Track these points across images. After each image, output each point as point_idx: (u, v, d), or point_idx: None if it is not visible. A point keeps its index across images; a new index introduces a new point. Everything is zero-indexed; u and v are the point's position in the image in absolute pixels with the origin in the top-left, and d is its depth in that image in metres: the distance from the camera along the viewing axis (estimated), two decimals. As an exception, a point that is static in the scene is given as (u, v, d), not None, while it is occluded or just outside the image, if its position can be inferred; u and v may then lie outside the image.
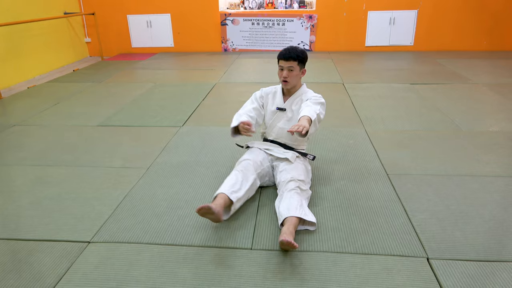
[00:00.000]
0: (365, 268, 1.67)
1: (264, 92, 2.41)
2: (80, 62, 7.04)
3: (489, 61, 6.04)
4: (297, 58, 2.19)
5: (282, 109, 2.31)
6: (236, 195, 1.98)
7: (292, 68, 2.21)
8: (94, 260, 1.76)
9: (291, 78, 2.23)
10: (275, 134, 2.36)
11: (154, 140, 3.14)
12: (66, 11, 6.76)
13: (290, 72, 2.22)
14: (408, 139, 3.05)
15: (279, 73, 2.27)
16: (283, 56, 2.22)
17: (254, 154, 2.27)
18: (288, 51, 2.21)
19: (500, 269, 1.64)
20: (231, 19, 7.20)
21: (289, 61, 2.20)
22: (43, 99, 4.46)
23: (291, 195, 1.98)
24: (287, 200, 1.96)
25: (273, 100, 2.37)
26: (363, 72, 5.46)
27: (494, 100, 4.04)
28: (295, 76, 2.24)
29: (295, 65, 2.21)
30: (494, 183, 2.35)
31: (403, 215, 2.05)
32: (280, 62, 2.24)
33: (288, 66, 2.20)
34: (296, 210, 1.88)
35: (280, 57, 2.23)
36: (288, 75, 2.22)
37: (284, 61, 2.21)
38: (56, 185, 2.45)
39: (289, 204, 1.92)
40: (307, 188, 2.13)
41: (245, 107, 2.41)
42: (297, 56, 2.19)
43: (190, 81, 5.21)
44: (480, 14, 6.73)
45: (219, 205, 1.85)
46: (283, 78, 2.24)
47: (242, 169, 2.13)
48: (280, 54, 2.24)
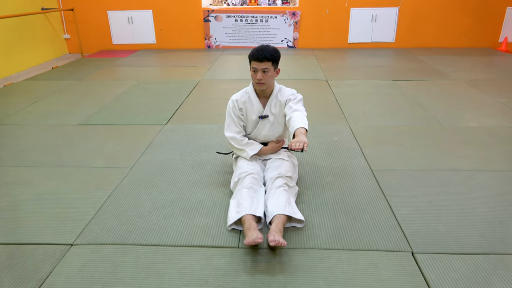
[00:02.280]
0: (352, 263, 1.69)
1: (238, 103, 2.24)
2: (59, 59, 6.86)
3: (468, 58, 6.19)
4: (271, 58, 2.06)
5: (265, 117, 2.23)
6: (259, 210, 1.90)
7: (266, 70, 2.08)
8: (78, 263, 1.72)
9: (266, 80, 2.11)
10: (261, 139, 2.32)
11: (138, 138, 3.09)
12: (44, 7, 6.56)
13: (265, 73, 2.09)
14: (391, 135, 3.09)
15: (252, 75, 2.13)
16: (256, 57, 2.06)
17: (252, 167, 2.16)
18: (261, 52, 2.05)
19: (482, 261, 1.69)
20: (214, 15, 7.14)
21: (263, 62, 2.05)
22: (21, 98, 4.33)
23: (279, 192, 1.98)
24: (275, 197, 1.95)
25: (252, 108, 2.24)
26: (346, 69, 5.51)
27: (473, 96, 4.14)
28: (270, 77, 2.12)
29: (269, 65, 2.08)
30: (475, 177, 2.41)
31: (387, 210, 2.07)
32: (253, 63, 2.09)
33: (262, 67, 2.07)
34: (285, 208, 1.88)
35: (253, 58, 2.08)
36: (263, 76, 2.09)
37: (258, 62, 2.06)
38: (36, 186, 2.38)
39: (278, 202, 1.91)
40: (294, 185, 2.13)
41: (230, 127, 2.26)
42: (271, 56, 2.06)
43: (173, 78, 5.14)
44: (460, 12, 6.88)
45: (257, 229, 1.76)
46: (257, 80, 2.10)
47: (250, 186, 2.02)
48: (252, 55, 2.08)
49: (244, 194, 1.97)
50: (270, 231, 1.76)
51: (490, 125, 3.28)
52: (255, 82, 2.15)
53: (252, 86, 2.25)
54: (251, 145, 2.25)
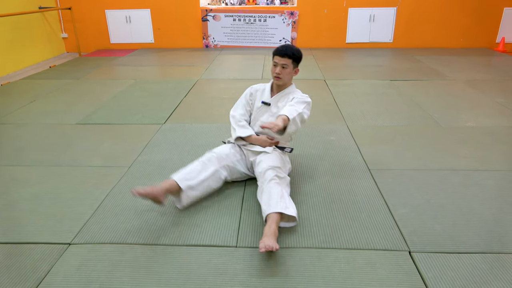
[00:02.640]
0: (349, 262, 1.69)
1: (253, 89, 2.40)
2: (56, 59, 6.84)
3: (465, 58, 6.21)
4: (292, 56, 2.21)
5: (267, 104, 2.31)
6: (187, 183, 2.02)
7: (285, 66, 2.22)
8: (75, 262, 1.72)
9: (284, 75, 2.25)
10: (257, 128, 2.35)
11: (136, 138, 3.09)
12: (41, 6, 6.54)
13: (283, 69, 2.23)
14: (389, 135, 3.10)
15: (272, 68, 2.28)
16: (278, 52, 2.23)
17: (221, 148, 2.29)
18: (284, 48, 2.22)
19: (479, 260, 1.70)
20: (212, 15, 7.14)
21: (284, 58, 2.21)
22: (18, 97, 4.31)
23: (271, 186, 1.98)
24: (267, 192, 1.96)
25: (261, 96, 2.37)
26: (344, 69, 5.52)
27: (471, 96, 4.15)
28: (288, 73, 2.26)
29: (289, 63, 2.23)
30: (472, 176, 2.42)
31: (385, 209, 2.08)
32: (275, 58, 2.25)
33: (282, 63, 2.22)
34: (277, 204, 1.87)
35: (276, 53, 2.24)
36: (281, 71, 2.23)
37: (279, 57, 2.22)
38: (33, 185, 2.37)
39: (270, 198, 1.91)
40: (285, 175, 2.12)
41: (237, 108, 2.40)
42: (293, 54, 2.21)
43: (171, 77, 5.14)
44: (457, 12, 6.90)
45: (160, 187, 1.91)
46: (275, 74, 2.24)
47: (203, 160, 2.17)
48: (276, 50, 2.25)
49: (192, 165, 2.13)
50: (263, 234, 1.75)
51: (488, 125, 3.29)
52: (273, 76, 2.28)
53: (271, 82, 2.37)
54: (244, 128, 2.32)
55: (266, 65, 5.82)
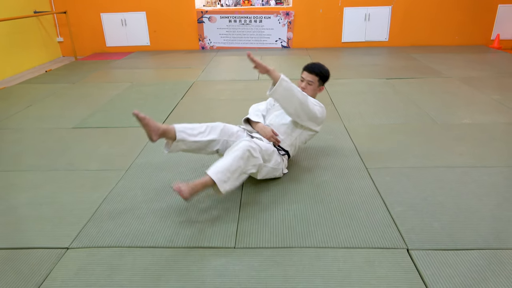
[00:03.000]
0: (348, 261, 1.70)
1: None
2: (52, 63, 6.83)
3: (461, 55, 6.23)
4: (319, 73, 2.38)
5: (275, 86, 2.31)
6: (183, 136, 2.09)
7: (311, 82, 2.39)
8: (74, 266, 1.71)
9: (308, 91, 2.38)
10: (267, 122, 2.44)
11: (133, 140, 3.09)
12: (36, 10, 6.53)
13: (309, 85, 2.39)
14: (386, 133, 3.11)
15: (298, 83, 2.43)
16: (307, 68, 2.40)
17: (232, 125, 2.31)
18: (313, 65, 2.40)
19: (476, 257, 1.70)
20: (207, 16, 7.14)
21: (311, 74, 2.37)
22: (14, 102, 4.30)
23: (232, 156, 1.96)
24: (224, 158, 1.98)
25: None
26: (340, 68, 5.53)
27: (466, 93, 4.17)
28: (312, 90, 2.41)
29: (315, 80, 2.38)
30: (469, 173, 2.43)
31: (382, 208, 2.09)
32: (303, 73, 2.42)
33: (309, 79, 2.38)
34: (218, 173, 1.90)
35: (304, 69, 2.42)
36: (306, 86, 2.39)
37: (307, 73, 2.39)
38: (30, 190, 2.37)
39: (221, 164, 1.94)
40: (258, 156, 2.05)
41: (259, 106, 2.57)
42: (320, 72, 2.38)
43: (167, 80, 5.13)
44: (452, 9, 6.93)
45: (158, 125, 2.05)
46: (301, 88, 2.37)
47: (209, 125, 2.21)
48: (306, 65, 2.43)
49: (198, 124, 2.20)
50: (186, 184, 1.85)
51: (484, 122, 3.31)
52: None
53: None
54: (257, 116, 2.43)
55: (262, 65, 5.82)
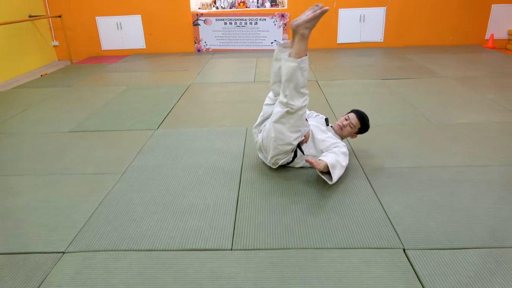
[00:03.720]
0: (344, 262, 1.70)
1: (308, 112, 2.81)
2: (48, 67, 6.81)
3: (456, 55, 6.27)
4: (363, 124, 2.57)
5: (327, 123, 2.63)
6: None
7: (353, 126, 2.55)
8: (70, 270, 1.70)
9: (345, 131, 2.56)
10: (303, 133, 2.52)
11: (129, 144, 3.08)
12: (31, 14, 6.51)
13: (350, 127, 2.55)
14: (381, 133, 3.12)
15: (342, 120, 2.59)
16: (358, 114, 2.56)
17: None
18: (364, 115, 2.59)
19: (472, 255, 1.71)
20: (203, 19, 7.15)
21: (358, 121, 2.55)
22: (10, 106, 4.29)
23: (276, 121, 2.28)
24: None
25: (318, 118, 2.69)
26: (336, 69, 5.55)
27: (461, 93, 4.19)
28: (349, 132, 2.57)
29: (357, 127, 2.56)
30: (464, 172, 2.44)
31: (379, 208, 2.09)
32: (351, 115, 2.57)
33: (353, 123, 2.54)
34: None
35: (355, 113, 2.57)
36: (346, 126, 2.55)
37: (356, 118, 2.55)
38: (26, 194, 2.36)
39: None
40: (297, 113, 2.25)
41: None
42: (364, 123, 2.57)
43: (163, 82, 5.13)
44: (446, 10, 6.97)
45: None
46: (342, 124, 2.55)
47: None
48: (357, 112, 2.59)
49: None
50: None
51: (479, 121, 3.32)
52: (339, 124, 2.58)
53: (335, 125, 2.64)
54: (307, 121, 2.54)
55: (258, 67, 5.83)
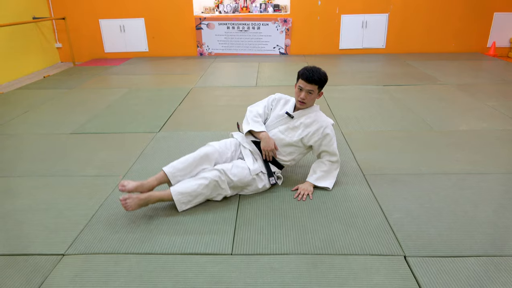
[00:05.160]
0: (345, 268, 1.69)
1: (278, 97, 2.42)
2: (51, 68, 6.83)
3: (457, 62, 6.28)
4: (319, 81, 2.19)
5: (291, 116, 2.30)
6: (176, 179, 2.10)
7: (311, 91, 2.21)
8: (69, 273, 1.70)
9: (308, 100, 2.24)
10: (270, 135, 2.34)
11: (130, 147, 3.08)
12: (35, 16, 6.55)
13: (309, 94, 2.22)
14: (382, 140, 3.12)
15: (296, 92, 2.26)
16: (305, 77, 2.18)
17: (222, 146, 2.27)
18: (311, 74, 2.17)
19: (473, 264, 1.70)
20: (206, 23, 7.18)
21: (310, 84, 2.18)
22: (12, 107, 4.30)
23: (200, 182, 2.07)
24: (192, 181, 2.07)
25: (283, 106, 2.37)
26: (337, 75, 5.56)
27: (462, 100, 4.19)
28: (313, 98, 2.26)
29: (315, 88, 2.21)
30: (465, 180, 2.44)
31: (380, 214, 2.09)
32: (301, 82, 2.21)
33: (308, 89, 2.20)
34: (180, 194, 2.01)
35: (302, 78, 2.20)
36: (306, 97, 2.22)
37: (306, 82, 2.19)
38: (26, 196, 2.36)
39: (186, 186, 2.04)
40: (225, 187, 2.13)
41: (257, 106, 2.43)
42: (319, 79, 2.19)
43: (165, 86, 5.14)
44: (449, 17, 6.99)
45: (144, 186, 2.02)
46: (300, 99, 2.23)
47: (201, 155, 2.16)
48: (303, 74, 2.20)
49: (189, 157, 2.14)
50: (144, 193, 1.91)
51: (480, 128, 3.32)
52: (297, 100, 2.26)
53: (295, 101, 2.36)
54: (258, 123, 2.32)
55: (260, 71, 5.85)
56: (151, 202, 2.02)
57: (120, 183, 1.90)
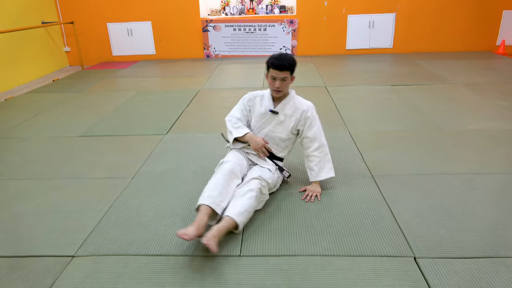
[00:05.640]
0: (354, 270, 1.68)
1: (252, 95, 2.37)
2: (59, 72, 6.91)
3: (466, 61, 6.21)
4: (290, 67, 2.15)
5: (275, 112, 2.28)
6: (220, 208, 1.94)
7: (285, 78, 2.16)
8: (79, 274, 1.71)
9: (283, 88, 2.20)
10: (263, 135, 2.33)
11: (138, 149, 3.10)
12: (44, 21, 6.64)
13: (283, 82, 2.17)
14: (391, 140, 3.09)
15: (270, 82, 2.21)
16: (276, 66, 2.13)
17: (238, 157, 2.24)
18: (281, 61, 2.13)
19: (485, 265, 1.68)
20: (212, 25, 7.20)
21: (282, 71, 2.14)
22: (22, 111, 4.36)
23: (249, 197, 2.00)
24: (242, 199, 1.98)
25: (261, 103, 2.32)
26: (345, 75, 5.54)
27: (472, 99, 4.15)
28: (287, 85, 2.22)
29: (288, 74, 2.17)
30: (474, 180, 2.41)
31: (389, 215, 2.07)
32: (272, 71, 2.16)
33: (281, 76, 2.15)
34: (240, 215, 1.90)
35: (273, 67, 2.14)
36: (281, 85, 2.17)
37: (278, 71, 2.13)
38: (36, 198, 2.38)
39: (239, 205, 1.94)
40: (266, 193, 2.15)
41: (234, 112, 2.37)
42: (290, 65, 2.15)
43: (173, 88, 5.17)
44: (457, 15, 6.93)
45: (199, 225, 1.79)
46: (275, 88, 2.19)
47: (228, 173, 2.09)
48: (273, 63, 2.14)
49: (218, 180, 2.04)
50: (210, 231, 1.78)
51: (489, 128, 3.28)
52: (273, 89, 2.23)
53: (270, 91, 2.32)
54: (239, 128, 2.29)
55: (267, 73, 5.84)
56: (222, 236, 1.86)
57: (181, 234, 1.73)
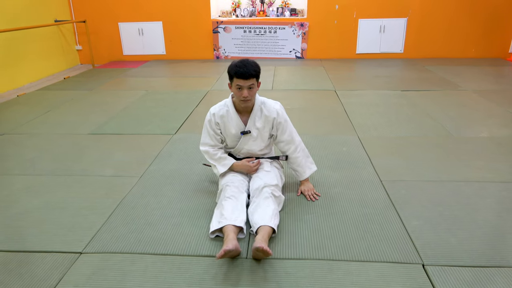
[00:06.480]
0: (361, 275, 1.67)
1: (216, 117, 2.20)
2: (71, 70, 6.99)
3: (477, 68, 6.15)
4: (256, 74, 2.03)
5: (247, 132, 2.19)
6: (240, 220, 1.91)
7: (252, 86, 2.04)
8: (87, 271, 1.72)
9: (252, 95, 2.08)
10: (244, 154, 2.31)
11: (147, 148, 3.12)
12: (57, 19, 6.72)
13: (251, 90, 2.04)
14: (400, 146, 3.07)
15: (236, 92, 2.06)
16: (241, 75, 1.99)
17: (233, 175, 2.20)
18: (246, 69, 1.99)
19: (495, 275, 1.65)
20: (223, 26, 7.23)
21: (248, 80, 2.00)
22: (33, 107, 4.41)
23: (268, 203, 1.99)
24: (263, 208, 1.96)
25: (231, 123, 2.19)
26: (354, 79, 5.51)
27: (483, 106, 4.10)
28: (255, 92, 2.10)
29: (254, 82, 2.04)
30: (486, 188, 2.37)
31: (397, 221, 2.05)
32: (237, 81, 2.01)
33: (248, 85, 2.01)
34: (271, 220, 1.89)
35: (238, 76, 2.00)
36: (249, 93, 2.04)
37: (244, 80, 2.00)
38: (45, 194, 2.41)
39: (264, 213, 1.92)
40: (280, 194, 2.13)
41: (205, 141, 2.27)
42: (255, 72, 2.02)
43: (182, 88, 5.19)
44: (468, 22, 6.86)
45: (234, 240, 1.76)
46: (243, 98, 2.04)
47: (233, 195, 2.05)
48: (236, 72, 1.99)
49: (226, 204, 1.99)
50: (256, 240, 1.74)
51: (501, 136, 3.24)
52: (240, 99, 2.08)
53: (231, 100, 2.19)
54: (223, 160, 2.24)
55: (276, 75, 5.85)
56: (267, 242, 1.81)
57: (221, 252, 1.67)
